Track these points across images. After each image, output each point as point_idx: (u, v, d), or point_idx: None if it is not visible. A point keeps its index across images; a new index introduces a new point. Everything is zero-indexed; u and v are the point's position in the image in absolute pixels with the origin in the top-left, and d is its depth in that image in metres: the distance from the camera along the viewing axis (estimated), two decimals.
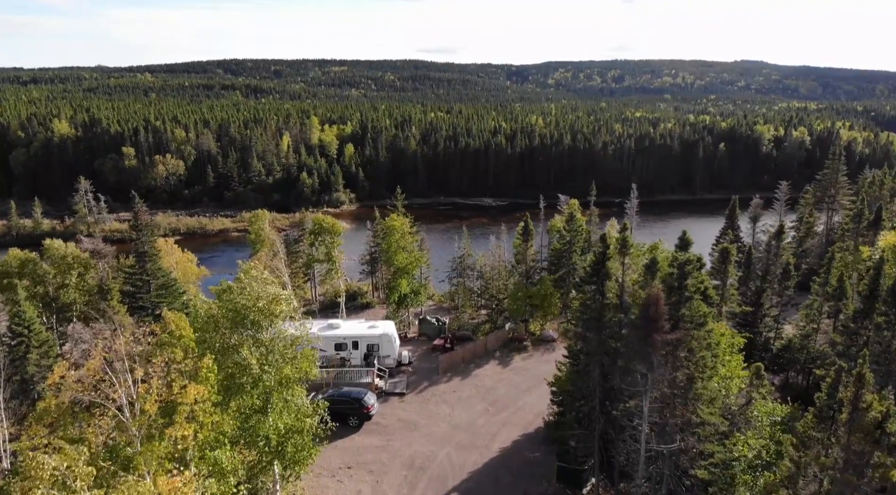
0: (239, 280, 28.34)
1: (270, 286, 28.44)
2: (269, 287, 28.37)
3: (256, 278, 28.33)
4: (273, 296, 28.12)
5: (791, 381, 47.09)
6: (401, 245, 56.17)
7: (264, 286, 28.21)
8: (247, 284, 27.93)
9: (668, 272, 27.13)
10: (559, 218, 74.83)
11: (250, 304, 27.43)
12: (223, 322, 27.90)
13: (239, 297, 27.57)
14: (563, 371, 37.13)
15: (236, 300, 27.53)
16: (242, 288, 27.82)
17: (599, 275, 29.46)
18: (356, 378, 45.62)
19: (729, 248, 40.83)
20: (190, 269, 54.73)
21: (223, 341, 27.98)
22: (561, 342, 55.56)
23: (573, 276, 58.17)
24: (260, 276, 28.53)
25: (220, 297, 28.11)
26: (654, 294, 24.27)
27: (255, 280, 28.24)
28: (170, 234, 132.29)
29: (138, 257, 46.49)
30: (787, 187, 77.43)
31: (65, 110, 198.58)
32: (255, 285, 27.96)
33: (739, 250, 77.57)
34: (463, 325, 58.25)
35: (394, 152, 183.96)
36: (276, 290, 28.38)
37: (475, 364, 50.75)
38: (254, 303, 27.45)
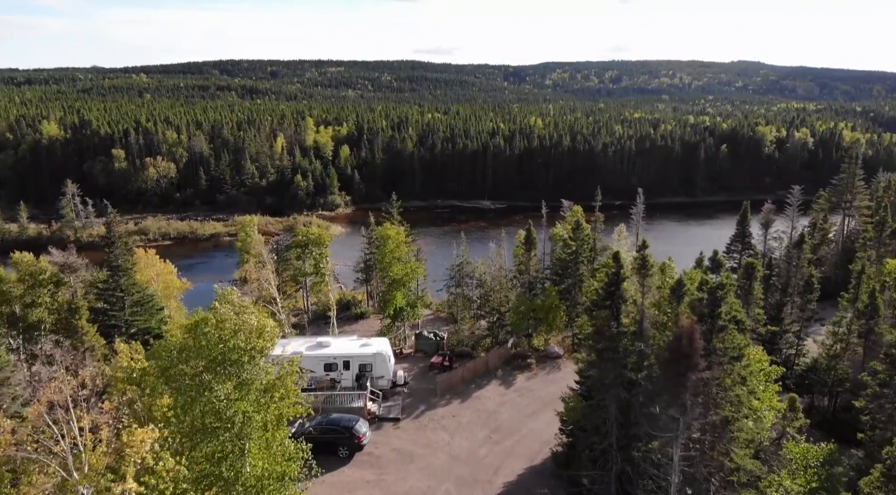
0: (214, 309, 24.88)
1: (251, 316, 24.98)
2: (251, 317, 24.91)
3: (235, 307, 24.88)
4: (254, 328, 24.69)
5: (816, 403, 43.81)
6: (396, 255, 52.75)
7: (244, 316, 24.76)
8: (223, 315, 24.47)
9: (697, 297, 23.79)
10: (562, 225, 71.45)
11: (227, 339, 24.01)
12: (195, 358, 24.44)
13: (214, 331, 24.12)
14: (572, 401, 33.75)
15: (210, 334, 24.09)
16: (218, 320, 24.36)
17: (614, 298, 26.12)
18: (347, 402, 42.19)
19: (754, 264, 37.51)
20: (171, 282, 51.27)
21: (194, 379, 24.55)
22: (567, 358, 52.26)
23: (579, 288, 54.88)
24: (239, 305, 25.07)
25: (191, 331, 24.63)
26: (688, 326, 20.98)
27: (234, 309, 24.80)
28: (160, 239, 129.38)
29: (111, 271, 43.05)
30: (800, 192, 74.26)
31: (54, 112, 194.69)
32: (233, 316, 24.53)
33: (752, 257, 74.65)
34: (462, 340, 54.84)
35: (390, 154, 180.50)
36: (257, 321, 24.94)
37: (475, 384, 47.36)
38: (230, 337, 24.03)
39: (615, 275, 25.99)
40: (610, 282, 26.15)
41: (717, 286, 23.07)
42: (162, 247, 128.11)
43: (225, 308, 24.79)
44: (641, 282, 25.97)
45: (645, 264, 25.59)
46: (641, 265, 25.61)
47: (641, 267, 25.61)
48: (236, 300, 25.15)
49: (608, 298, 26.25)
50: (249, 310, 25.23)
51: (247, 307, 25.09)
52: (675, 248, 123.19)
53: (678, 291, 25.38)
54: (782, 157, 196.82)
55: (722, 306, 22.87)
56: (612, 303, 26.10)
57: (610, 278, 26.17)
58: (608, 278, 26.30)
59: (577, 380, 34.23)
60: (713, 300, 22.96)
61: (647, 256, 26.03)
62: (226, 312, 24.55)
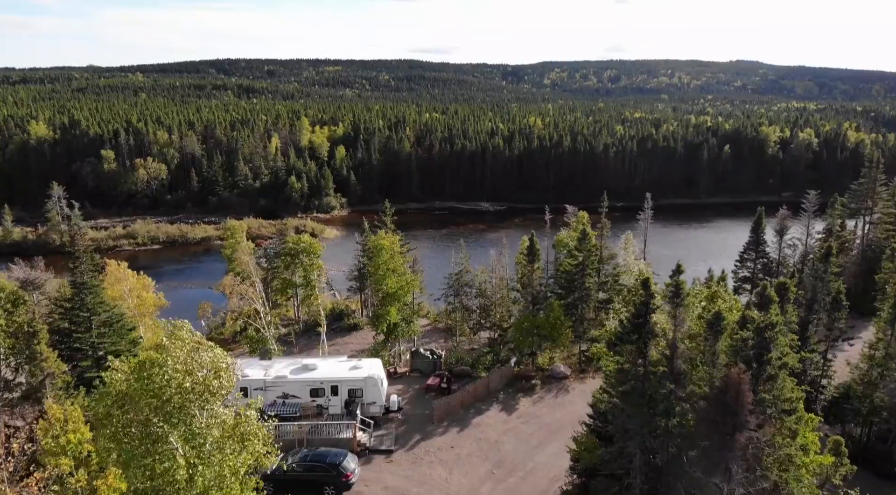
0: (163, 348, 21.10)
1: (206, 353, 21.22)
2: (205, 354, 21.16)
3: (188, 344, 21.13)
4: (209, 366, 20.94)
5: (848, 432, 40.10)
6: (390, 267, 48.90)
7: (198, 355, 21.01)
8: (174, 353, 20.72)
9: (742, 337, 20.04)
10: (566, 231, 67.72)
11: (178, 382, 20.26)
12: (141, 405, 20.68)
13: (162, 372, 20.35)
14: (584, 439, 29.95)
15: (158, 376, 20.33)
16: (168, 359, 20.59)
17: (643, 332, 22.33)
18: (334, 433, 38.35)
19: (786, 283, 33.73)
20: (146, 299, 47.41)
21: (141, 429, 20.81)
22: (573, 378, 48.51)
23: (586, 303, 51.14)
24: (194, 342, 21.33)
25: (136, 374, 20.85)
26: (734, 377, 17.25)
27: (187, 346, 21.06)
28: (149, 243, 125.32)
29: (76, 288, 39.17)
30: (815, 196, 70.56)
31: (44, 112, 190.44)
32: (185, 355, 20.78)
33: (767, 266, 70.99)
34: (461, 359, 50.99)
35: (387, 155, 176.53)
36: (214, 359, 21.18)
37: (476, 409, 43.58)
38: (182, 380, 20.27)
39: (644, 306, 22.25)
40: (638, 314, 22.42)
41: (766, 325, 19.36)
42: (151, 251, 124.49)
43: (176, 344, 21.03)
44: (674, 312, 22.20)
45: (679, 292, 21.83)
46: (675, 293, 21.85)
47: (675, 295, 21.84)
48: (189, 336, 21.39)
49: (635, 332, 22.51)
50: (206, 346, 21.48)
51: (203, 343, 21.33)
52: (679, 253, 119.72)
53: (715, 326, 21.66)
54: (786, 158, 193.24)
55: (773, 350, 19.17)
56: (641, 338, 22.35)
57: (638, 309, 22.44)
58: (636, 309, 22.55)
59: (590, 414, 30.46)
60: (762, 342, 19.28)
61: (681, 283, 22.28)
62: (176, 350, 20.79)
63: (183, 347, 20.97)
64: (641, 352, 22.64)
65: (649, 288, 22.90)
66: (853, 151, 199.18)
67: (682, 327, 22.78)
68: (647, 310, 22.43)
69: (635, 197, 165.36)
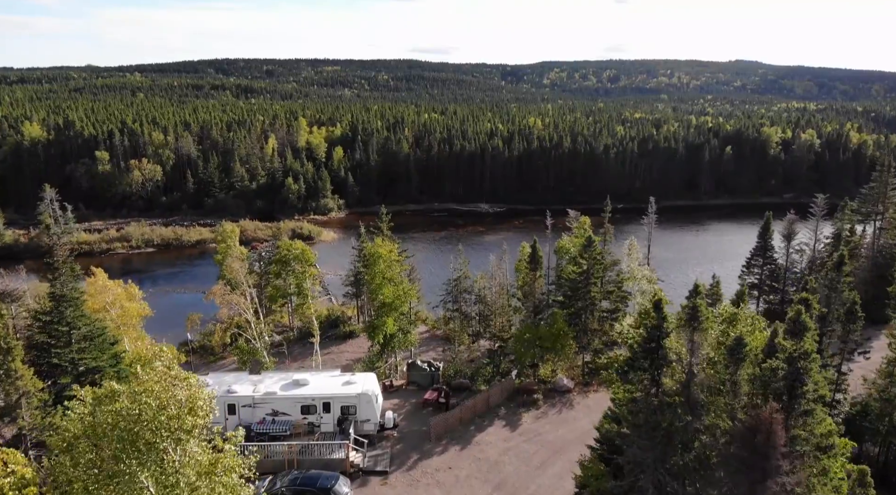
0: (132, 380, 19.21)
1: (180, 387, 19.32)
2: (179, 388, 19.25)
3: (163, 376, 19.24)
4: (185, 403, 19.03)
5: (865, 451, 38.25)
6: (386, 276, 46.98)
7: (172, 388, 19.11)
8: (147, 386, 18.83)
9: (771, 367, 18.19)
10: (569, 237, 65.85)
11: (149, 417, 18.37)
12: (108, 440, 18.79)
13: (132, 407, 18.47)
14: (591, 464, 28.07)
15: (127, 410, 18.45)
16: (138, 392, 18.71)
17: (655, 358, 20.46)
18: (326, 453, 36.44)
19: (808, 299, 31.82)
20: (130, 309, 45.46)
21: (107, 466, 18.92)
22: (577, 392, 46.64)
23: (590, 312, 49.26)
24: (168, 373, 19.42)
25: (101, 406, 18.95)
26: (766, 417, 15.37)
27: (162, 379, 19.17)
28: (143, 246, 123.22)
29: (55, 301, 37.24)
30: (824, 200, 68.76)
31: (38, 112, 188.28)
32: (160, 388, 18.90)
33: (772, 271, 69.12)
34: (460, 371, 49.04)
35: (385, 156, 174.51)
36: (190, 396, 19.28)
37: (475, 426, 41.68)
38: (153, 417, 18.38)
39: (657, 330, 20.38)
40: (650, 338, 20.56)
41: (799, 354, 17.50)
42: (145, 254, 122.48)
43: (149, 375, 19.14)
44: (690, 336, 20.35)
45: (696, 315, 19.96)
46: (691, 316, 19.98)
47: (691, 318, 19.98)
48: (164, 366, 19.47)
49: (647, 358, 20.65)
50: (181, 376, 19.58)
51: (176, 376, 19.42)
52: (682, 256, 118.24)
53: (736, 352, 19.81)
54: (788, 159, 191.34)
55: (808, 383, 17.33)
56: (653, 365, 20.49)
57: (650, 333, 20.57)
58: (648, 332, 20.68)
59: (597, 439, 28.57)
60: (794, 373, 17.42)
61: (698, 305, 20.40)
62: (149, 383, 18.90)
63: (158, 380, 19.08)
64: (655, 380, 20.81)
65: (662, 310, 21.03)
66: (855, 152, 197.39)
67: (700, 353, 20.91)
68: (660, 335, 20.59)
69: (636, 198, 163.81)
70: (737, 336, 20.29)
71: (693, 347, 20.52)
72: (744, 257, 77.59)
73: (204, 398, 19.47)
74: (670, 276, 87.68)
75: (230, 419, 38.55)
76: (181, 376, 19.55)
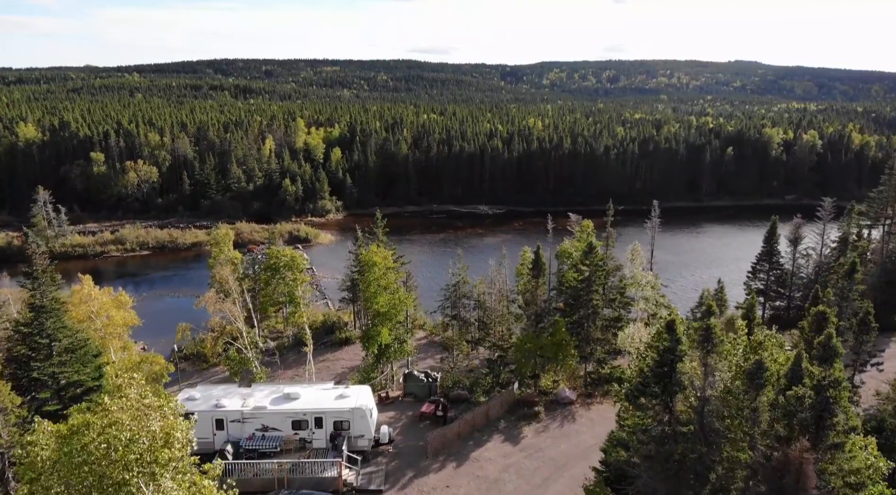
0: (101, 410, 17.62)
1: (154, 417, 17.71)
2: (152, 419, 17.64)
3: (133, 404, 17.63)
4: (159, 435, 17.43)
5: None
6: (382, 284, 45.39)
7: (144, 419, 17.51)
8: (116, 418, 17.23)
9: (797, 395, 16.65)
10: (570, 241, 64.34)
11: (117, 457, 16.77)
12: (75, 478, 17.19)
13: (100, 440, 16.88)
14: (597, 489, 26.51)
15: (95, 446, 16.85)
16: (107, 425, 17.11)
17: (668, 384, 18.91)
18: (318, 471, 34.85)
19: (826, 313, 30.22)
20: (116, 319, 43.86)
21: None
22: (580, 404, 45.08)
23: (593, 320, 47.67)
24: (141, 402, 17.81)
25: (66, 443, 17.35)
26: (795, 456, 13.83)
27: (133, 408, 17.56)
28: (137, 249, 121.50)
29: (35, 312, 35.65)
30: (831, 204, 67.28)
31: (33, 113, 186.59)
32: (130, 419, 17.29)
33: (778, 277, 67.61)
34: (458, 381, 47.47)
35: (384, 157, 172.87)
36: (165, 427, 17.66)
37: (474, 440, 40.11)
38: (122, 455, 16.78)
39: (669, 353, 18.84)
40: (662, 362, 19.00)
41: (829, 383, 15.98)
42: (139, 257, 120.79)
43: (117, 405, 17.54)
44: (705, 360, 18.81)
45: (710, 336, 18.42)
46: (704, 337, 18.44)
47: (704, 340, 18.44)
48: (136, 395, 17.85)
49: (659, 383, 19.11)
50: (153, 405, 17.96)
51: (150, 405, 17.79)
52: (684, 259, 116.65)
53: (756, 377, 18.27)
54: (790, 160, 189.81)
55: (837, 413, 15.82)
56: (665, 390, 18.95)
57: (662, 356, 19.03)
58: (659, 355, 19.14)
59: (603, 460, 27.01)
60: (823, 403, 15.90)
61: (712, 326, 18.86)
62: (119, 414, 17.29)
63: (129, 410, 17.48)
64: (667, 406, 19.28)
65: (675, 332, 19.46)
66: (858, 153, 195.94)
67: (715, 377, 19.37)
68: (673, 358, 19.05)
69: (637, 200, 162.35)
70: (757, 359, 18.69)
71: (707, 371, 18.99)
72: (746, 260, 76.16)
73: (181, 429, 17.86)
74: (672, 280, 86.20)
75: (218, 434, 37.02)
76: (155, 405, 17.95)
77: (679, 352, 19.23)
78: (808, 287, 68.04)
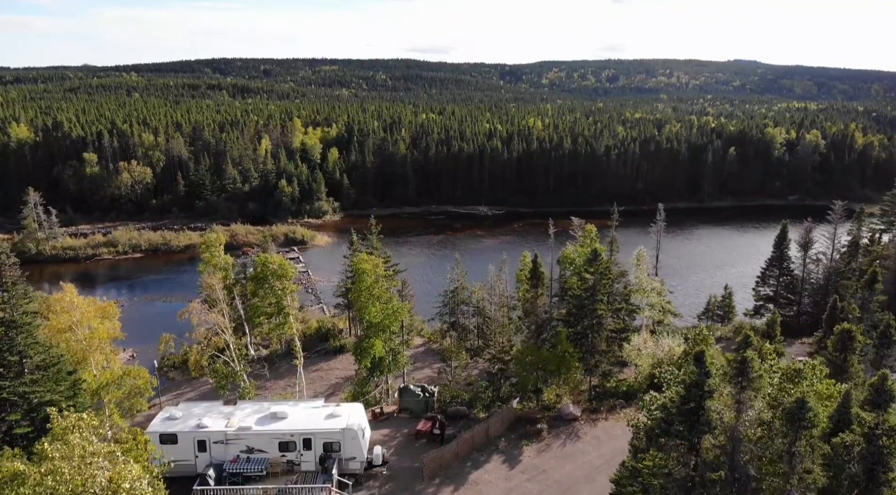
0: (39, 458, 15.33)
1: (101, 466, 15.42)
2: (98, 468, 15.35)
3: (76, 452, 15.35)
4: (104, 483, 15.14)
5: None
6: (373, 294, 43.05)
7: (89, 468, 15.23)
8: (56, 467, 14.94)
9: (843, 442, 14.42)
10: (572, 246, 62.06)
11: None
12: None
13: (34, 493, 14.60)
14: None
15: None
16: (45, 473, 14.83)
17: (695, 423, 16.64)
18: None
19: (851, 331, 27.99)
20: (99, 330, 41.55)
21: None
22: (584, 421, 42.82)
23: (597, 331, 45.41)
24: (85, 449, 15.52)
25: None
26: None
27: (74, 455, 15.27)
28: (130, 251, 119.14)
29: (4, 327, 33.31)
30: (842, 207, 65.07)
31: (27, 113, 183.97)
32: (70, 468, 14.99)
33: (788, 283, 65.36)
34: (456, 396, 45.16)
35: (382, 157, 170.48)
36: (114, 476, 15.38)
37: (473, 461, 37.82)
38: None
39: (697, 389, 16.59)
40: (688, 397, 16.75)
41: (884, 431, 13.77)
42: (132, 259, 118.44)
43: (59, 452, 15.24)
44: (738, 395, 16.58)
45: (745, 371, 16.18)
46: (740, 371, 16.19)
47: (740, 373, 16.20)
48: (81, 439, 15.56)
49: (685, 422, 16.87)
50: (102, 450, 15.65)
51: (96, 452, 15.49)
52: (688, 262, 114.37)
53: (798, 417, 16.03)
54: (793, 161, 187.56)
55: (893, 466, 13.61)
56: (692, 431, 16.71)
57: (689, 391, 16.78)
58: (686, 391, 16.89)
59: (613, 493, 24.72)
60: (876, 453, 13.68)
61: (749, 359, 16.62)
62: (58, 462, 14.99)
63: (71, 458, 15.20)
64: (693, 447, 17.06)
65: (704, 364, 17.20)
66: (861, 154, 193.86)
67: (747, 412, 17.13)
68: (701, 395, 16.81)
69: (638, 200, 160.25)
70: (799, 397, 16.38)
71: (740, 409, 16.77)
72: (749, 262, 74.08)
73: (131, 478, 15.58)
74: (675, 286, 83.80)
75: (200, 457, 34.73)
76: (102, 451, 15.66)
77: (708, 387, 16.98)
78: (818, 293, 65.90)
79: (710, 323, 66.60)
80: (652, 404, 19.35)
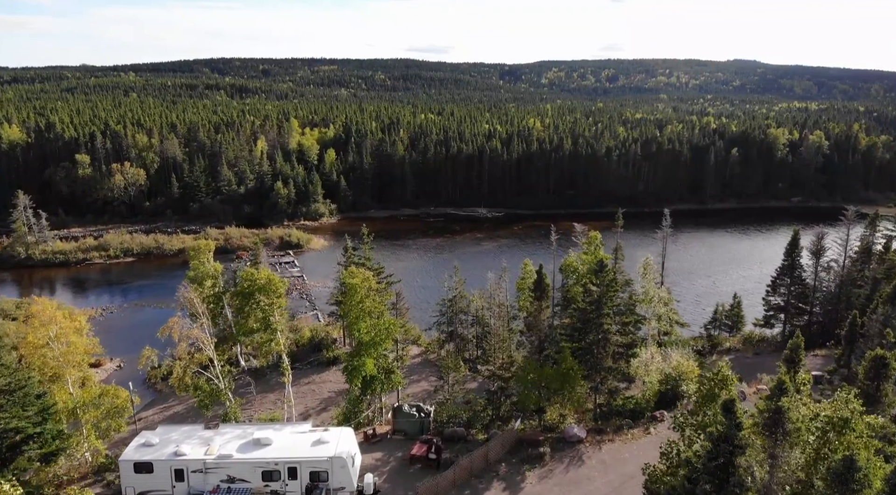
0: None
1: None
2: None
3: None
4: None
5: None
6: (365, 309, 40.62)
7: None
8: None
9: None
10: (575, 254, 59.73)
11: None
12: None
13: None
14: None
15: None
16: None
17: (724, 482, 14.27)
18: None
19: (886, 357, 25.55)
20: (77, 345, 39.16)
21: None
22: (589, 443, 40.41)
23: (603, 347, 43.03)
24: None
25: None
26: None
27: None
28: (121, 255, 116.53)
29: None
30: (854, 213, 62.73)
31: (20, 114, 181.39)
32: None
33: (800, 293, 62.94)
34: (454, 416, 42.71)
35: (380, 158, 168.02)
36: None
37: (471, 490, 35.38)
38: None
39: (727, 443, 14.23)
40: (717, 452, 14.40)
41: None
42: (124, 264, 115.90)
43: None
44: (773, 450, 14.25)
45: (779, 420, 13.83)
46: (774, 421, 13.85)
47: (774, 424, 13.85)
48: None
49: (712, 480, 14.51)
50: None
51: None
52: (693, 266, 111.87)
53: (847, 478, 13.69)
54: (796, 162, 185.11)
55: None
56: (720, 489, 14.34)
57: (718, 446, 14.42)
58: (713, 444, 14.54)
59: None
60: None
61: (784, 408, 14.28)
62: None
63: None
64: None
65: (735, 414, 14.82)
66: (865, 154, 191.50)
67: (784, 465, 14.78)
68: (731, 450, 14.46)
69: (640, 202, 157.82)
70: (847, 456, 14.09)
71: (775, 464, 14.45)
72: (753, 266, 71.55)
73: None
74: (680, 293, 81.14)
75: (178, 487, 32.31)
76: None
77: (739, 440, 14.65)
78: (830, 302, 63.58)
79: (719, 332, 64.26)
80: (670, 451, 16.99)
